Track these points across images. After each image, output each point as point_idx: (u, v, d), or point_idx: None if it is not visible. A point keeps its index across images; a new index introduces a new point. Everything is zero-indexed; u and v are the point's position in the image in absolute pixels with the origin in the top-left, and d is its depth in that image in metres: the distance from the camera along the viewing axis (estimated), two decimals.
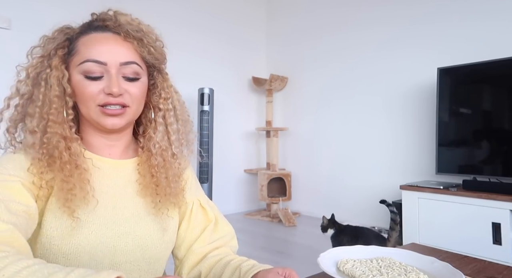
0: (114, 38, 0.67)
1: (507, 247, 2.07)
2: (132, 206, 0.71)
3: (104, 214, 0.67)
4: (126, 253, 0.67)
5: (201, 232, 0.77)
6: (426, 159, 2.88)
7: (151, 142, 0.74)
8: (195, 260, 0.75)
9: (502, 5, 2.52)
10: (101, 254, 0.65)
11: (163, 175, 0.72)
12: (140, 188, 0.73)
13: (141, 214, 0.71)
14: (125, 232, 0.68)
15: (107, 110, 0.66)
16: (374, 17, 3.23)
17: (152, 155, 0.73)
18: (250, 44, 4.11)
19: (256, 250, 2.60)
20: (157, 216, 0.72)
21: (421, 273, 0.66)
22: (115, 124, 0.67)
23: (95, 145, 0.72)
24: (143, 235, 0.69)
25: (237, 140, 3.95)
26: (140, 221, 0.70)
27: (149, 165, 0.73)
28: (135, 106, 0.70)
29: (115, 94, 0.65)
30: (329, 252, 0.75)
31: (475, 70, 2.41)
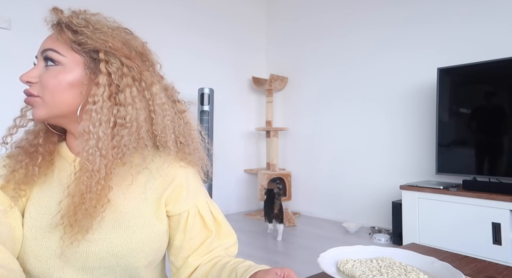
0: (50, 34, 0.68)
1: (507, 247, 2.07)
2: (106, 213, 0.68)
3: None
4: (99, 259, 0.64)
5: (200, 244, 0.73)
6: (426, 158, 2.88)
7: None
8: (191, 271, 0.72)
9: (502, 6, 2.52)
10: (73, 258, 0.63)
11: (83, 181, 0.63)
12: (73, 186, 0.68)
13: (114, 223, 0.67)
14: (98, 238, 0.64)
15: (24, 99, 0.67)
16: (374, 18, 3.23)
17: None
18: (250, 44, 4.11)
19: (256, 250, 2.60)
20: (128, 229, 0.67)
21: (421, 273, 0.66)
22: (34, 114, 0.66)
23: (72, 145, 0.71)
24: (119, 243, 0.65)
25: (237, 140, 3.95)
26: (112, 230, 0.66)
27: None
28: (49, 97, 0.64)
29: (22, 82, 0.66)
30: (329, 252, 0.75)
31: (475, 70, 2.41)
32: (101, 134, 0.63)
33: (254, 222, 3.42)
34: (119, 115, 0.64)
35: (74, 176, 0.64)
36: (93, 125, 0.63)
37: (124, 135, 0.64)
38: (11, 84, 0.62)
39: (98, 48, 0.65)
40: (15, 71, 0.73)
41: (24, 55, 0.69)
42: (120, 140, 0.64)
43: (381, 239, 2.76)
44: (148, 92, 0.68)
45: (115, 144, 0.64)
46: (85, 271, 0.64)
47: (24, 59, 0.71)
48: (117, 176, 0.66)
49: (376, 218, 3.13)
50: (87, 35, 0.64)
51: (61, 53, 0.65)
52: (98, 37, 0.64)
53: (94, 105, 0.63)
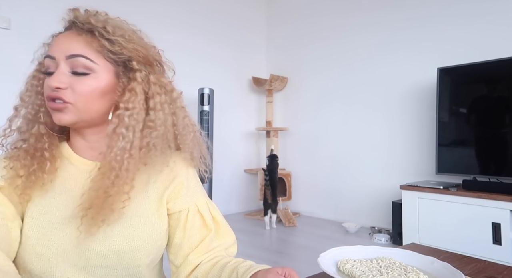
0: (69, 34, 0.66)
1: (507, 247, 2.07)
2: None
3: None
4: (101, 257, 0.65)
5: (199, 242, 0.74)
6: (426, 159, 2.87)
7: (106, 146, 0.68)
8: (191, 269, 0.72)
9: (502, 6, 2.52)
10: (75, 256, 0.63)
11: (114, 182, 0.66)
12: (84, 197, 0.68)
13: (116, 220, 0.67)
14: (101, 236, 0.65)
15: (51, 104, 0.65)
16: (374, 19, 3.23)
17: (104, 157, 0.68)
18: (250, 44, 4.11)
19: (256, 250, 2.60)
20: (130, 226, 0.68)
21: (421, 273, 0.66)
22: (60, 119, 0.65)
23: (77, 146, 0.72)
24: (121, 241, 0.66)
25: (237, 140, 3.95)
26: (115, 227, 0.66)
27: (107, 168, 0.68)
28: (82, 104, 0.65)
29: (52, 88, 0.63)
30: (329, 252, 0.75)
31: (475, 70, 2.41)
32: (132, 136, 0.66)
33: (254, 222, 3.42)
34: (148, 119, 0.69)
35: (98, 171, 0.67)
36: (126, 128, 0.66)
37: (152, 138, 0.68)
38: (10, 84, 0.62)
39: (131, 59, 0.68)
40: (15, 70, 0.72)
41: (24, 55, 0.69)
42: (149, 142, 0.68)
43: (381, 239, 2.75)
44: (169, 97, 0.73)
45: (144, 144, 0.68)
46: (87, 270, 0.64)
47: (24, 59, 0.70)
48: (138, 175, 0.70)
49: (376, 218, 3.13)
50: (122, 46, 0.66)
51: (94, 61, 0.65)
52: (132, 48, 0.67)
53: (127, 111, 0.67)
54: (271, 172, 3.24)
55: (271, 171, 3.24)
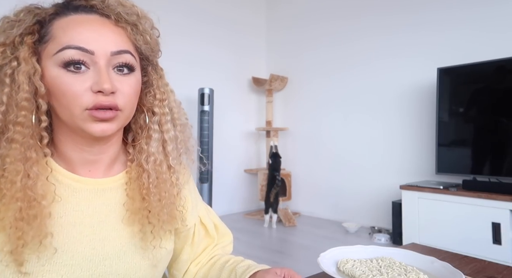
0: (102, 21, 0.53)
1: (507, 247, 2.07)
2: (115, 238, 0.57)
3: (79, 250, 0.53)
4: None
5: (202, 251, 0.72)
6: (426, 159, 2.88)
7: (143, 154, 0.60)
8: (192, 276, 0.71)
9: (502, 6, 2.52)
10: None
11: (156, 197, 0.58)
12: (128, 215, 0.58)
13: (126, 247, 0.57)
14: (104, 272, 0.55)
15: (98, 114, 0.51)
16: (375, 19, 3.23)
17: (144, 171, 0.59)
18: (250, 44, 4.11)
19: (256, 250, 2.60)
20: (147, 250, 0.59)
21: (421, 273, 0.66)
22: (105, 130, 0.53)
23: (73, 159, 0.57)
24: (128, 274, 0.57)
25: (237, 140, 3.95)
26: (125, 257, 0.57)
27: (139, 184, 0.59)
28: (128, 109, 0.55)
29: (106, 92, 0.50)
30: (329, 252, 0.75)
31: (475, 70, 2.41)
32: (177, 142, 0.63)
33: (254, 222, 3.42)
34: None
35: (141, 180, 0.59)
36: (169, 134, 0.61)
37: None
38: None
39: (154, 61, 0.62)
40: None
41: None
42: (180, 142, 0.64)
43: (381, 239, 2.76)
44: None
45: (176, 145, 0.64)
46: None
47: None
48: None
49: (376, 218, 3.13)
50: (151, 43, 0.59)
51: (135, 57, 0.56)
52: (157, 49, 0.61)
53: (167, 116, 0.61)
54: (273, 171, 3.24)
55: (274, 170, 3.24)
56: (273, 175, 3.23)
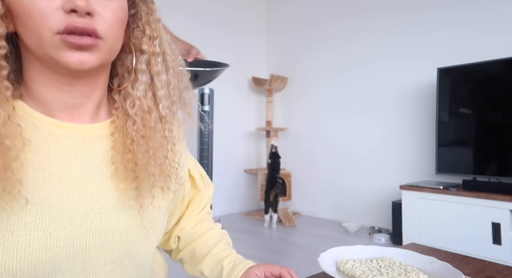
0: None
1: (507, 247, 2.07)
2: (107, 192, 0.51)
3: (69, 205, 0.47)
4: (105, 252, 0.50)
5: (188, 203, 0.70)
6: (426, 159, 2.88)
7: (128, 99, 0.52)
8: (180, 230, 0.70)
9: (502, 6, 2.52)
10: (69, 260, 0.47)
11: (143, 148, 0.51)
12: (114, 168, 0.51)
13: (119, 203, 0.51)
14: (101, 226, 0.49)
15: (73, 39, 0.43)
16: (374, 19, 3.23)
17: (129, 118, 0.51)
18: (250, 44, 4.11)
19: (256, 250, 2.60)
20: (139, 208, 0.53)
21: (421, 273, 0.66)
22: (83, 62, 0.45)
23: (50, 102, 0.48)
24: (126, 228, 0.51)
25: (237, 139, 3.95)
26: (120, 212, 0.51)
27: (125, 133, 0.52)
28: (111, 40, 0.47)
29: (81, 10, 0.42)
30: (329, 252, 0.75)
31: (475, 70, 2.41)
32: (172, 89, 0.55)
33: (254, 222, 3.42)
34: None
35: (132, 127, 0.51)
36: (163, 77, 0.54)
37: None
38: None
39: None
40: None
41: None
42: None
43: (381, 239, 2.76)
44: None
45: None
46: (85, 274, 0.49)
47: None
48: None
49: (376, 218, 3.13)
50: None
51: None
52: None
53: (159, 57, 0.53)
54: (273, 171, 3.24)
55: (273, 170, 3.25)
56: (274, 176, 3.24)
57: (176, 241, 0.71)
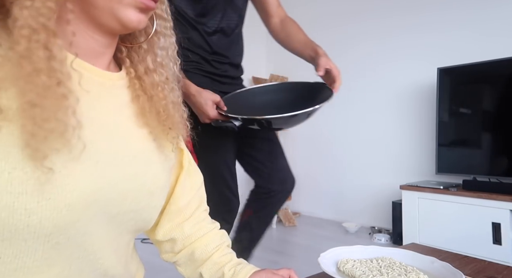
0: None
1: (507, 247, 2.07)
2: (133, 139, 0.53)
3: (107, 148, 0.48)
4: (137, 200, 0.51)
5: (176, 181, 0.68)
6: (426, 159, 2.88)
7: (149, 52, 0.56)
8: (169, 218, 0.67)
9: (502, 6, 2.52)
10: (113, 202, 0.48)
11: (169, 97, 0.56)
12: (138, 113, 0.54)
13: (147, 149, 0.54)
14: (136, 173, 0.51)
15: (147, 1, 0.48)
16: (374, 20, 3.23)
17: (151, 70, 0.55)
18: (250, 44, 4.10)
19: (256, 250, 2.60)
20: (162, 151, 0.57)
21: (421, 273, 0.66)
22: (141, 22, 0.49)
23: (83, 47, 0.48)
24: (153, 178, 0.54)
25: None
26: (148, 159, 0.54)
27: (150, 82, 0.55)
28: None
29: None
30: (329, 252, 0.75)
31: (475, 70, 2.41)
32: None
33: None
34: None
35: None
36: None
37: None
38: None
39: None
40: None
41: None
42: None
43: (381, 239, 2.76)
44: None
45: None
46: (115, 218, 0.50)
47: None
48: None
49: (376, 218, 3.13)
50: None
51: None
52: None
53: (160, 20, 0.58)
54: None
55: None
56: None
57: (170, 242, 0.69)
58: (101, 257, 0.50)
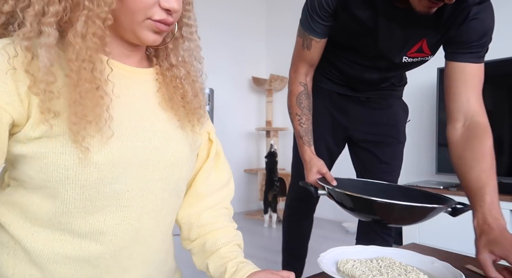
0: None
1: None
2: (158, 120, 0.65)
3: (132, 126, 0.60)
4: (158, 170, 0.63)
5: (201, 167, 0.76)
6: (426, 158, 2.88)
7: (173, 52, 0.68)
8: (191, 202, 0.75)
9: (502, 6, 2.52)
10: (135, 168, 0.59)
11: (189, 87, 0.68)
12: (163, 100, 0.67)
13: (169, 128, 0.66)
14: (156, 147, 0.62)
15: (160, 26, 0.59)
16: None
17: (173, 66, 0.68)
18: (250, 44, 4.11)
19: (256, 250, 2.60)
20: (185, 131, 0.68)
21: (421, 273, 0.66)
22: (156, 41, 0.61)
23: (115, 51, 0.62)
24: (174, 152, 0.65)
25: (237, 139, 3.95)
26: (170, 136, 0.65)
27: (172, 75, 0.67)
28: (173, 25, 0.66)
29: (173, 11, 0.58)
30: (329, 252, 0.75)
31: None
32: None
33: (254, 222, 3.42)
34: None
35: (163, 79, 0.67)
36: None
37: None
38: None
39: None
40: None
41: None
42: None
43: None
44: None
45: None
46: (144, 186, 0.62)
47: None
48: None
49: None
50: None
51: None
52: None
53: (186, 27, 0.71)
54: (270, 173, 3.25)
55: (270, 171, 3.25)
56: (271, 178, 3.23)
57: (187, 227, 0.74)
58: (131, 216, 0.60)
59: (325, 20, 1.09)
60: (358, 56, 1.18)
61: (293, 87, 1.21)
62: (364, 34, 1.08)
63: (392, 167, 1.43)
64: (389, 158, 1.42)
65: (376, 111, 1.35)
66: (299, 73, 1.21)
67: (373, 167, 1.39)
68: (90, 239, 0.58)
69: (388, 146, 1.38)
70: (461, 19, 1.00)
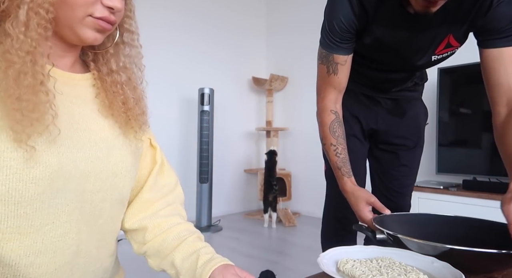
0: None
1: None
2: (98, 128, 0.61)
3: (70, 136, 0.56)
4: (100, 180, 0.59)
5: (148, 175, 0.72)
6: (426, 158, 2.87)
7: (113, 57, 0.65)
8: (141, 208, 0.70)
9: None
10: (75, 180, 0.55)
11: (131, 93, 0.65)
12: (103, 106, 0.64)
13: (110, 136, 0.62)
14: (98, 157, 0.59)
15: (103, 24, 0.56)
16: None
17: (113, 71, 0.64)
18: (250, 44, 4.11)
19: (256, 250, 2.60)
20: (127, 139, 0.65)
21: (421, 273, 0.66)
22: (97, 39, 0.58)
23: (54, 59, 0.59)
24: (117, 161, 0.62)
25: (237, 139, 3.95)
26: (112, 145, 0.62)
27: (112, 80, 0.64)
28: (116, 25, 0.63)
29: (117, 9, 0.56)
30: (329, 252, 0.75)
31: (475, 70, 2.40)
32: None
33: (254, 222, 3.42)
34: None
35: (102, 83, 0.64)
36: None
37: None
38: None
39: None
40: None
41: None
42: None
43: None
44: None
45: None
46: (84, 197, 0.58)
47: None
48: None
49: None
50: None
51: None
52: None
53: (126, 33, 0.68)
54: (269, 170, 3.24)
55: (269, 172, 3.25)
56: (269, 181, 3.22)
57: (140, 231, 0.70)
58: (71, 231, 0.56)
59: (349, 41, 1.08)
60: (384, 64, 1.17)
61: (324, 117, 1.15)
62: (387, 50, 1.08)
63: (411, 170, 1.43)
64: (409, 161, 1.41)
65: (400, 113, 1.35)
66: (328, 101, 1.14)
67: (393, 169, 1.37)
68: (25, 264, 0.52)
69: (408, 148, 1.37)
70: (485, 7, 0.98)
